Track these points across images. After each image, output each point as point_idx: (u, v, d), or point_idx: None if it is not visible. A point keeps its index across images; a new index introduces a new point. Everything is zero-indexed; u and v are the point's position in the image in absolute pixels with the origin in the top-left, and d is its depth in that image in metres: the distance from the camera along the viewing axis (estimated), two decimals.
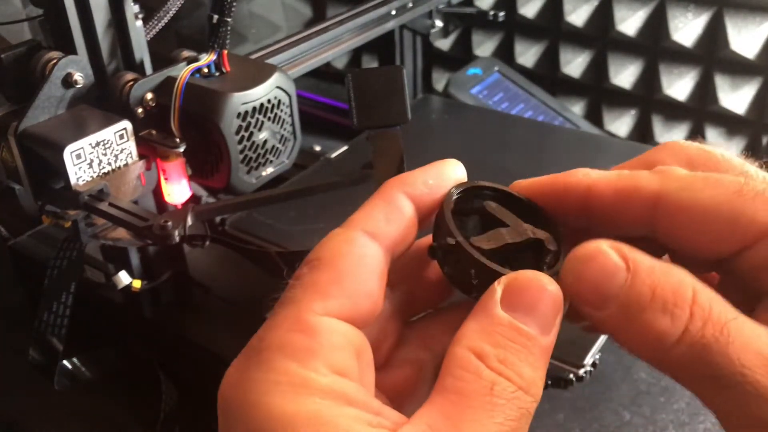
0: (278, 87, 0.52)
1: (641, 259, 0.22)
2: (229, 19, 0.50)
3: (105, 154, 0.48)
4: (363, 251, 0.24)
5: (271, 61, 0.65)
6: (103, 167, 0.48)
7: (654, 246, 0.24)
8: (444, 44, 1.12)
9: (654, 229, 0.24)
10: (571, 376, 0.52)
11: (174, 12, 0.54)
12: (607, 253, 0.22)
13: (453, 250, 0.24)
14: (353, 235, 0.24)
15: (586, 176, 0.25)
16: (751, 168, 0.25)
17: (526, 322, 0.22)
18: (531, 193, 0.27)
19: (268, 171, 0.54)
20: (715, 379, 0.21)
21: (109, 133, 0.48)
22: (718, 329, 0.21)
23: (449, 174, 0.26)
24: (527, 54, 1.06)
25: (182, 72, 0.51)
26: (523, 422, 0.21)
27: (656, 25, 0.94)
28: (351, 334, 0.23)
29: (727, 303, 0.22)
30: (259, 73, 0.52)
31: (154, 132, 0.51)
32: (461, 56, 1.11)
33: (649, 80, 0.98)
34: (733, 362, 0.20)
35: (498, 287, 0.23)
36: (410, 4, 0.82)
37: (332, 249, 0.24)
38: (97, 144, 0.47)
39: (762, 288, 0.22)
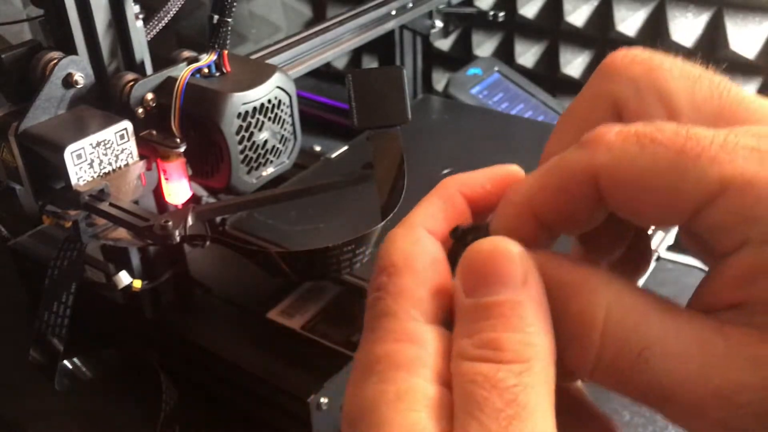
0: (278, 87, 0.52)
1: (553, 270, 0.21)
2: (229, 20, 0.50)
3: (105, 155, 0.48)
4: (431, 250, 0.23)
5: (271, 61, 0.65)
6: (104, 167, 0.48)
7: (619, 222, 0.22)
8: (444, 44, 1.12)
9: (604, 204, 0.21)
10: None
11: (174, 12, 0.55)
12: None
13: None
14: (418, 234, 0.23)
15: (517, 194, 0.23)
16: (707, 98, 0.22)
17: (490, 292, 0.20)
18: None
19: (269, 171, 0.54)
20: (643, 395, 0.20)
21: (109, 133, 0.48)
22: (633, 358, 0.20)
23: (505, 179, 0.25)
24: (527, 54, 1.07)
25: (183, 72, 0.51)
26: (525, 397, 0.19)
27: (656, 25, 0.95)
28: (448, 336, 0.22)
29: (650, 310, 0.20)
30: (259, 73, 0.52)
31: (154, 132, 0.51)
32: (461, 56, 1.11)
33: None
34: (654, 387, 0.20)
35: (456, 281, 0.21)
36: (410, 4, 0.82)
37: (404, 252, 0.23)
38: (98, 144, 0.47)
39: (717, 249, 0.20)
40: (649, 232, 0.27)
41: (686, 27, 0.92)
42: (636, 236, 0.25)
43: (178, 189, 0.53)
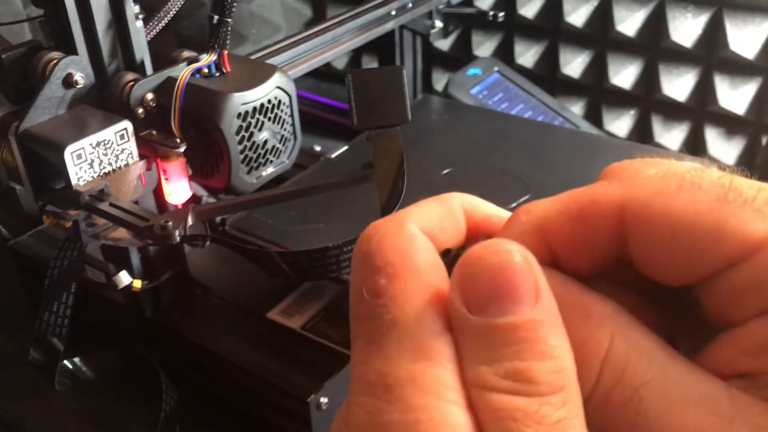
0: (278, 87, 0.52)
1: (557, 291, 0.19)
2: (229, 20, 0.50)
3: (105, 155, 0.48)
4: (429, 249, 0.20)
5: (271, 61, 0.65)
6: (104, 167, 0.48)
7: (628, 271, 0.20)
8: (444, 44, 1.12)
9: (624, 248, 0.20)
10: None
11: (174, 12, 0.55)
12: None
13: None
14: (413, 231, 0.20)
15: (530, 214, 0.20)
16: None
17: (504, 311, 0.18)
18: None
19: (269, 171, 0.54)
20: None
21: (109, 133, 0.48)
22: (629, 395, 0.18)
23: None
24: (527, 54, 1.07)
25: (183, 72, 0.51)
26: (570, 428, 0.17)
27: (656, 25, 0.95)
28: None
29: (653, 349, 0.19)
30: (259, 73, 0.52)
31: (154, 132, 0.51)
32: (461, 56, 1.11)
33: (648, 80, 0.98)
34: (644, 429, 0.18)
35: (453, 294, 0.18)
36: (410, 5, 0.82)
37: (400, 250, 0.20)
38: (98, 144, 0.47)
39: (733, 314, 0.19)
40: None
41: (686, 27, 0.92)
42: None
43: (178, 189, 0.53)
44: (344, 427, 0.19)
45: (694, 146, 0.97)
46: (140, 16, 0.52)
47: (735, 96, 0.92)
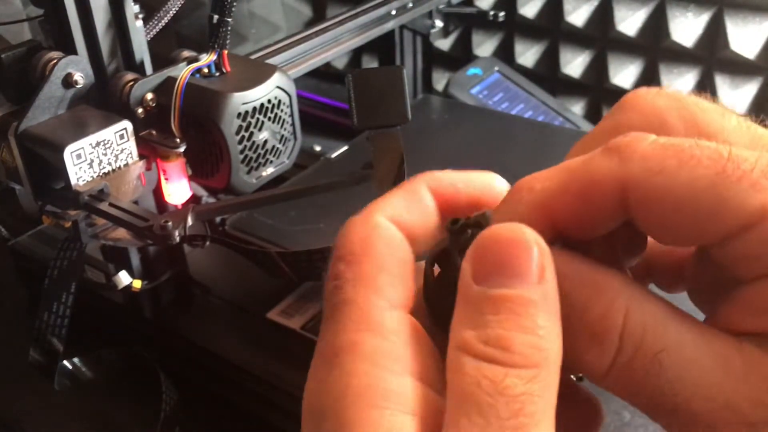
0: (278, 87, 0.52)
1: (570, 270, 0.20)
2: (229, 19, 0.50)
3: (105, 154, 0.48)
4: (392, 236, 0.22)
5: (271, 61, 0.65)
6: (104, 167, 0.48)
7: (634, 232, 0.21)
8: (444, 44, 1.12)
9: (627, 217, 0.20)
10: (572, 376, 0.52)
11: (174, 12, 0.55)
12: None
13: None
14: (376, 220, 0.22)
15: (532, 193, 0.21)
16: (737, 128, 0.21)
17: (503, 284, 0.19)
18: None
19: (269, 171, 0.54)
20: (653, 406, 0.19)
21: (109, 133, 0.48)
22: (648, 361, 0.19)
23: (482, 183, 0.24)
24: (527, 54, 1.06)
25: (182, 72, 0.51)
26: (532, 406, 0.18)
27: (656, 25, 0.94)
28: (414, 324, 0.21)
29: (667, 317, 0.19)
30: (259, 73, 0.52)
31: (154, 132, 0.51)
32: (461, 56, 1.11)
33: (649, 80, 0.98)
34: (666, 394, 0.19)
35: (466, 264, 0.20)
36: (410, 4, 0.82)
37: (362, 239, 0.21)
38: (98, 144, 0.47)
39: (741, 277, 0.19)
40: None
41: (686, 27, 0.92)
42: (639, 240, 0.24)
43: (177, 189, 0.53)
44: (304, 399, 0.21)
45: None
46: (140, 16, 0.52)
47: (735, 96, 0.92)
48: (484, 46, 1.09)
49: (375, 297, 0.21)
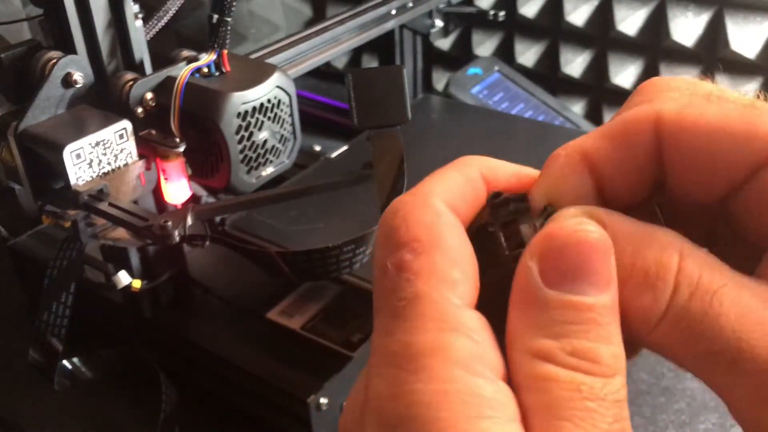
0: (278, 87, 0.52)
1: (620, 225, 0.19)
2: (229, 19, 0.50)
3: (105, 154, 0.48)
4: (458, 227, 0.20)
5: (271, 60, 0.65)
6: (103, 167, 0.48)
7: (663, 199, 0.21)
8: (444, 44, 1.12)
9: (662, 167, 0.20)
10: None
11: (174, 12, 0.54)
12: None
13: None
14: (438, 207, 0.20)
15: (569, 147, 0.21)
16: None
17: (578, 290, 0.18)
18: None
19: (268, 171, 0.54)
20: (711, 355, 0.18)
21: (108, 132, 0.47)
22: (707, 300, 0.18)
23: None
24: (527, 54, 1.06)
25: (182, 72, 0.51)
26: (624, 412, 0.18)
27: (656, 24, 0.94)
28: (486, 321, 0.19)
29: (721, 265, 0.19)
30: (259, 72, 0.52)
31: (153, 132, 0.51)
32: (461, 56, 1.11)
33: None
34: (727, 336, 0.18)
35: (531, 262, 0.19)
36: (410, 4, 0.82)
37: (427, 227, 0.20)
38: (97, 144, 0.47)
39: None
40: None
41: (686, 27, 0.92)
42: None
43: (177, 189, 0.53)
44: (362, 401, 0.19)
45: None
46: (140, 16, 0.52)
47: None
48: (484, 45, 1.09)
49: (450, 294, 0.19)
